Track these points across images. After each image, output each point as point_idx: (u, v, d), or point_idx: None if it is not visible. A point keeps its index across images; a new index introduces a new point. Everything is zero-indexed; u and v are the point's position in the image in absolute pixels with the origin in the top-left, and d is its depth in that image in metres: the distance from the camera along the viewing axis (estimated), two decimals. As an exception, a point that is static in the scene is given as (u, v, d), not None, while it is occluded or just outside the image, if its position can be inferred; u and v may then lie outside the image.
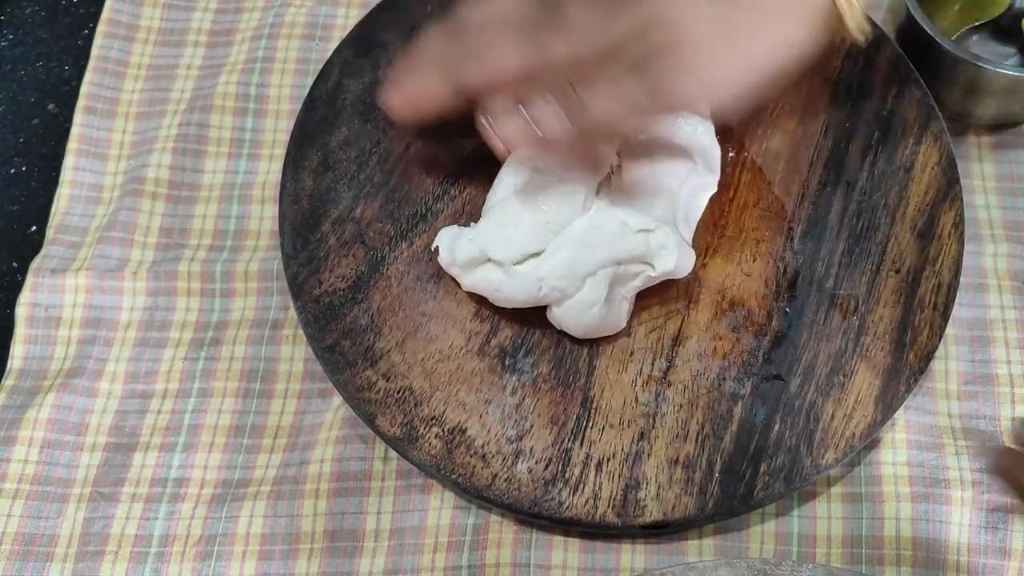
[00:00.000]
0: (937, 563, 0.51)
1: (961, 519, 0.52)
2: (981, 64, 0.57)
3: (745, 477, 0.50)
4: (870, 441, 0.51)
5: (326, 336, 0.53)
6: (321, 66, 0.60)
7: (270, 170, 0.62)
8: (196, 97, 0.64)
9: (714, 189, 0.54)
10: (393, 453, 0.53)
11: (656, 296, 0.54)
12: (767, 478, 0.50)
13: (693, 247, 0.53)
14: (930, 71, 0.59)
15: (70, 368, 0.56)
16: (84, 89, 0.64)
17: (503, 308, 0.53)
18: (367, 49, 0.60)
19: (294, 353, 0.57)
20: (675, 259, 0.50)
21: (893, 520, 0.52)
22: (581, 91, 0.46)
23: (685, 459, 0.50)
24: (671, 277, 0.51)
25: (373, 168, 0.57)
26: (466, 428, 0.51)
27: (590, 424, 0.51)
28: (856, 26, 0.49)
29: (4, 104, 0.66)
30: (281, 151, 0.62)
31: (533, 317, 0.53)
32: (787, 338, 0.53)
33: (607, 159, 0.53)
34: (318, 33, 0.66)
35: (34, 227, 0.62)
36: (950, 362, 0.56)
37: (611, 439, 0.51)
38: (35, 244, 0.61)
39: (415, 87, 0.51)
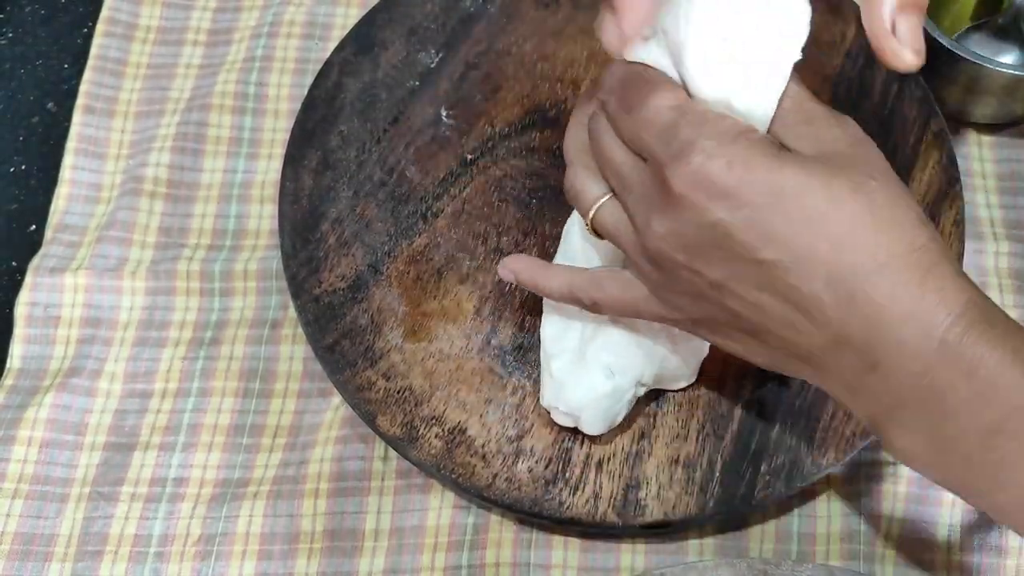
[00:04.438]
0: (933, 561, 0.51)
1: (952, 519, 0.52)
2: (981, 63, 0.57)
3: (746, 477, 0.50)
4: (870, 441, 0.51)
5: (326, 336, 0.53)
6: (320, 65, 0.60)
7: (269, 169, 0.62)
8: (195, 96, 0.64)
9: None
10: (393, 453, 0.53)
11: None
12: (768, 478, 0.50)
13: None
14: (930, 70, 0.58)
15: (69, 368, 0.56)
16: (83, 88, 0.64)
17: (503, 307, 0.54)
18: (366, 48, 0.60)
19: (293, 352, 0.57)
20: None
21: (891, 518, 0.52)
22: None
23: (686, 458, 0.50)
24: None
25: (373, 167, 0.57)
26: (466, 428, 0.51)
27: (590, 423, 0.51)
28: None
29: (3, 103, 0.66)
30: (280, 150, 0.62)
31: (533, 317, 0.53)
32: (787, 337, 0.53)
33: None
34: (317, 32, 0.66)
35: (33, 226, 0.62)
36: (951, 361, 0.56)
37: (611, 438, 0.51)
38: (34, 243, 0.61)
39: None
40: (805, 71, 0.58)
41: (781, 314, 0.38)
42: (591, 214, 0.44)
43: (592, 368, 0.48)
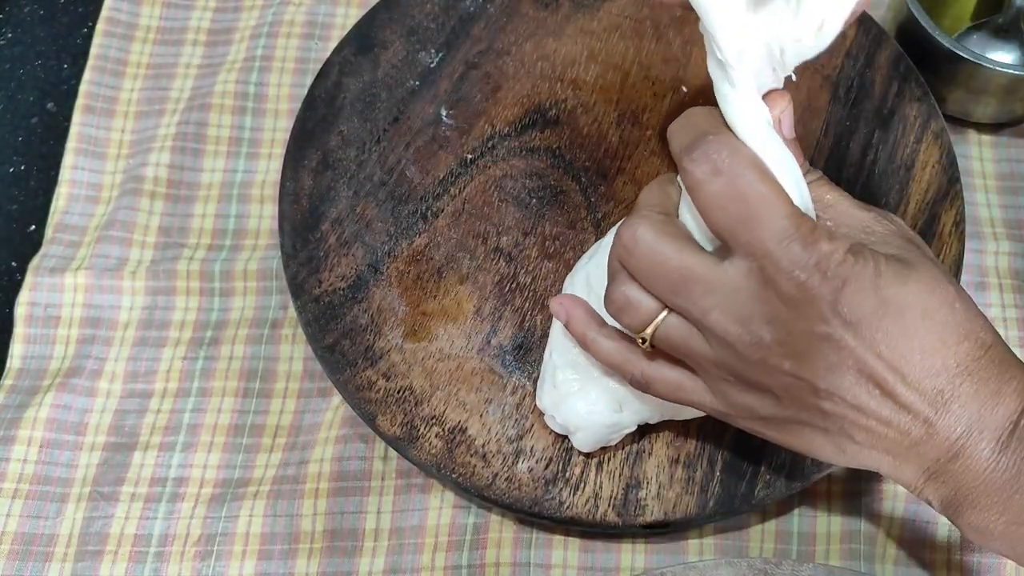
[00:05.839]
0: (933, 561, 0.51)
1: None
2: (981, 63, 0.57)
3: (746, 476, 0.50)
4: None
5: (326, 336, 0.53)
6: (320, 65, 0.60)
7: (269, 169, 0.62)
8: (195, 96, 0.64)
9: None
10: (393, 452, 0.53)
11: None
12: (768, 477, 0.50)
13: None
14: (931, 69, 0.59)
15: (69, 367, 0.56)
16: (83, 88, 0.64)
17: (503, 307, 0.54)
18: (366, 48, 0.60)
19: (293, 352, 0.57)
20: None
21: (891, 518, 0.52)
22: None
23: (686, 458, 0.50)
24: None
25: (373, 167, 0.57)
26: (466, 427, 0.51)
27: (590, 423, 0.51)
28: None
29: (3, 103, 0.66)
30: (280, 150, 0.62)
31: (533, 317, 0.53)
32: (787, 337, 0.53)
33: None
34: (317, 32, 0.66)
35: (33, 226, 0.62)
36: (951, 361, 0.56)
37: (611, 438, 0.51)
38: (34, 243, 0.61)
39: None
40: (805, 71, 0.58)
41: (877, 413, 0.40)
42: (651, 330, 0.43)
43: (600, 395, 0.48)
